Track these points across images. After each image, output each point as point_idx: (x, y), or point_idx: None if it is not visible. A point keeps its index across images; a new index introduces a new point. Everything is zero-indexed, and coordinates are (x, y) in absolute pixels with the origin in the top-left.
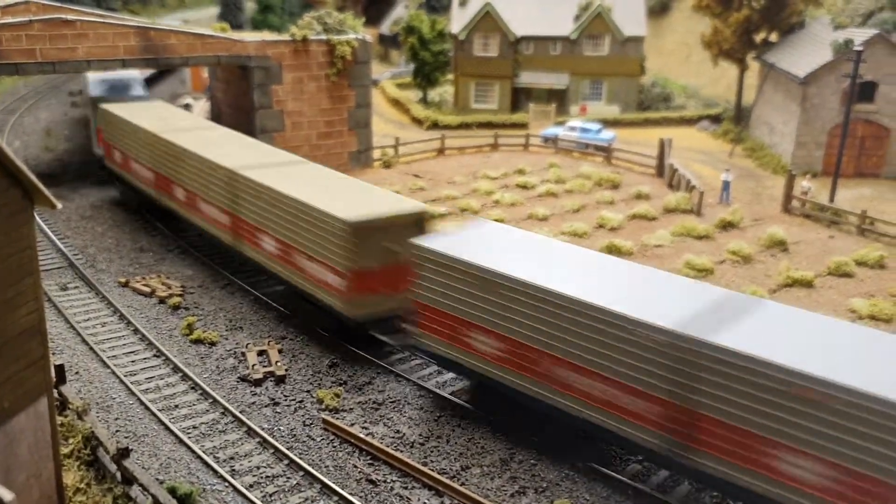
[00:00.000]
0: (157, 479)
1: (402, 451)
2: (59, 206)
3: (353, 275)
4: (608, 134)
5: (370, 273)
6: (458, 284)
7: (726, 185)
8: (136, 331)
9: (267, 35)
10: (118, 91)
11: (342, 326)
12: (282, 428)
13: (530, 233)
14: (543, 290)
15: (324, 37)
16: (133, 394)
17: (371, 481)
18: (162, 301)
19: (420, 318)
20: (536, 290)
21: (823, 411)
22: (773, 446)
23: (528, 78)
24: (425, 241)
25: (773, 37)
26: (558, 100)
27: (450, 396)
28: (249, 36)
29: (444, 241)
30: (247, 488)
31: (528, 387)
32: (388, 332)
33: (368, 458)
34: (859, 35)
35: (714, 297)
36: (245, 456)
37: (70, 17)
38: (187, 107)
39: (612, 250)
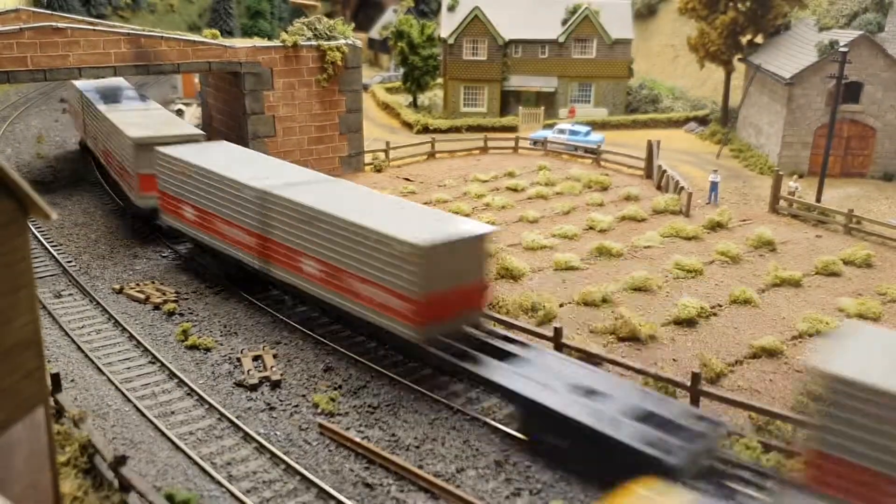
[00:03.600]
0: (155, 486)
1: (397, 455)
2: (55, 216)
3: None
4: (597, 136)
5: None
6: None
7: (714, 186)
8: (130, 337)
9: (258, 41)
10: (115, 100)
11: None
12: (278, 433)
13: None
14: None
15: (314, 43)
16: (129, 401)
17: (367, 485)
18: (156, 307)
19: (818, 473)
20: None
21: None
22: None
23: (516, 81)
24: (837, 369)
25: (759, 39)
26: (547, 103)
27: (444, 400)
28: (240, 42)
29: (853, 364)
30: (244, 493)
31: None
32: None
33: (364, 461)
34: (844, 36)
35: None
36: (242, 461)
37: (61, 24)
38: (179, 112)
39: (602, 252)
